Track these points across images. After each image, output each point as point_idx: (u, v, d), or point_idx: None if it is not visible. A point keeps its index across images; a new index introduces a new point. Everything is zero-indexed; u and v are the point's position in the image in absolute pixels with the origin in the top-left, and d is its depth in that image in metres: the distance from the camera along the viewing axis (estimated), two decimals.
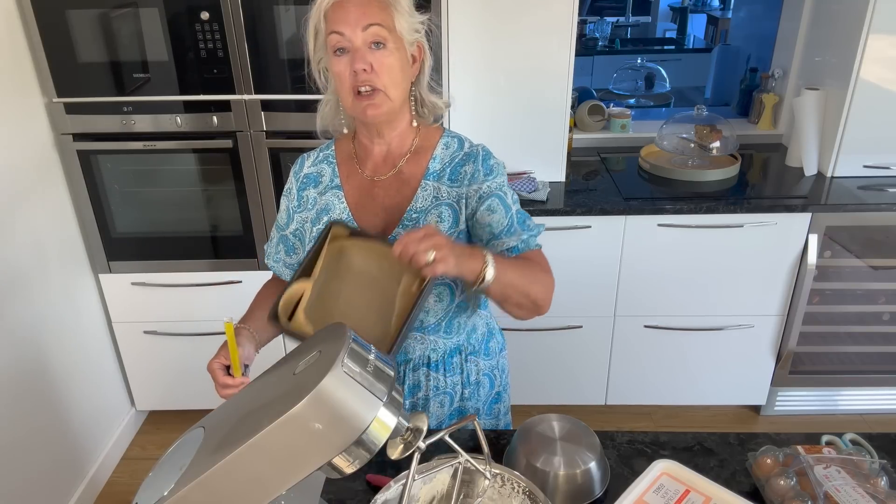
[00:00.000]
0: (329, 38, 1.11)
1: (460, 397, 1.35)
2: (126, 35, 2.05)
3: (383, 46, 1.11)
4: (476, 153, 1.23)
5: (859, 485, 1.04)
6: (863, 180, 2.43)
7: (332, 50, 1.12)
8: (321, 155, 1.30)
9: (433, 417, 1.33)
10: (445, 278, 1.20)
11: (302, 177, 1.29)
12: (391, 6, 1.12)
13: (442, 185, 1.22)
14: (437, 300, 1.23)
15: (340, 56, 1.12)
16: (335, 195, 1.26)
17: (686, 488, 0.98)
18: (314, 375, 0.72)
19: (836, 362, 2.60)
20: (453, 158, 1.23)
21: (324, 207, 1.26)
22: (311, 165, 1.30)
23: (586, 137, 2.81)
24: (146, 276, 2.41)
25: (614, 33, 5.32)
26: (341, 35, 1.10)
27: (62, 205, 2.26)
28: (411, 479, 0.82)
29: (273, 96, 2.14)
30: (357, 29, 1.09)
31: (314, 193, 1.27)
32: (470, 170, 1.21)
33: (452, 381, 1.32)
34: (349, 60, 1.11)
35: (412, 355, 1.29)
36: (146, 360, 2.57)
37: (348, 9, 1.09)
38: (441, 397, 1.33)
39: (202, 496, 0.73)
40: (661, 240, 2.34)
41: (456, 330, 1.29)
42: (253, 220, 2.32)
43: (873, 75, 2.28)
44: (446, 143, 1.25)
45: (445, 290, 1.24)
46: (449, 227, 1.21)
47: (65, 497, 2.22)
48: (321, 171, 1.29)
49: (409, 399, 1.33)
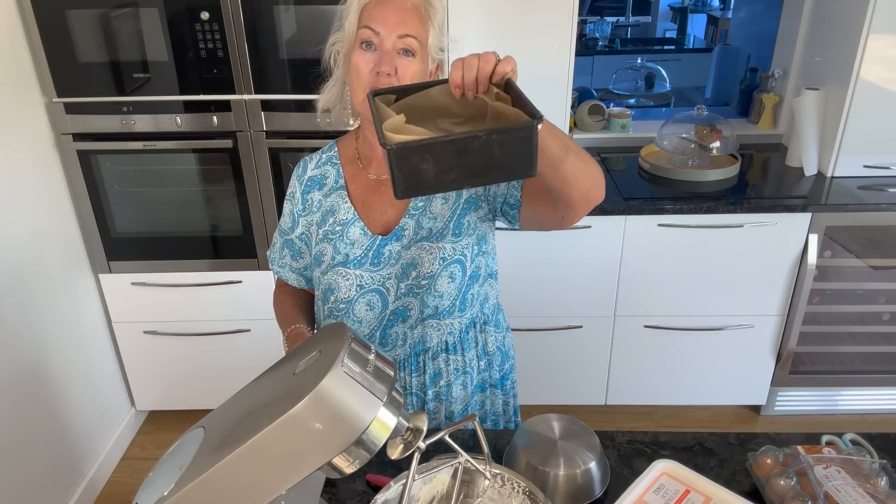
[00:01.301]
0: (360, 31, 1.10)
1: (478, 370, 1.36)
2: (126, 35, 2.05)
3: (411, 55, 1.12)
4: None
5: (859, 485, 1.04)
6: (863, 180, 2.43)
7: (358, 41, 1.11)
8: (324, 157, 1.30)
9: (457, 401, 1.35)
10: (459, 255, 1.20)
11: (306, 180, 1.29)
12: (428, 21, 1.12)
13: None
14: (449, 280, 1.24)
15: (365, 51, 1.11)
16: (340, 196, 1.26)
17: (686, 488, 0.98)
18: (314, 375, 0.72)
19: (836, 362, 2.60)
20: None
21: (329, 209, 1.26)
22: (314, 168, 1.30)
23: (586, 137, 2.81)
24: (146, 276, 2.41)
25: (614, 33, 5.31)
26: (374, 32, 1.09)
27: (62, 205, 2.26)
28: (411, 479, 0.82)
29: (273, 96, 2.14)
30: (393, 33, 1.09)
31: (319, 196, 1.27)
32: None
33: (470, 357, 1.33)
34: (373, 58, 1.10)
35: (430, 343, 1.30)
36: (146, 360, 2.57)
37: (389, 10, 1.09)
38: (462, 378, 1.34)
39: (202, 496, 0.73)
40: (661, 240, 2.34)
41: (470, 303, 1.30)
42: (253, 220, 2.32)
43: (873, 75, 2.28)
44: None
45: (458, 268, 1.25)
46: (451, 204, 1.24)
47: (65, 497, 2.22)
48: (325, 173, 1.29)
49: (432, 388, 1.33)
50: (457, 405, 1.34)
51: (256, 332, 2.51)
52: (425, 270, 1.23)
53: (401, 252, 1.24)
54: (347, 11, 1.13)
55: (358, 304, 1.25)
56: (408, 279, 1.24)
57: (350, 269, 1.24)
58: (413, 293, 1.25)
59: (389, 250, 1.24)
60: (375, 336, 1.28)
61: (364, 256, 1.24)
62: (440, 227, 1.24)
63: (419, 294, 1.25)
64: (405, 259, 1.24)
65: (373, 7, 1.10)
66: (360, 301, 1.25)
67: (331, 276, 1.25)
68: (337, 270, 1.25)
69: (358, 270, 1.24)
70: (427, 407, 1.34)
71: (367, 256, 1.24)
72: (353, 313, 1.26)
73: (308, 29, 2.04)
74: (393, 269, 1.24)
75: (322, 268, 1.27)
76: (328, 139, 2.18)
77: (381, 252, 1.24)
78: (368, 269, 1.24)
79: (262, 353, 2.50)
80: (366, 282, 1.24)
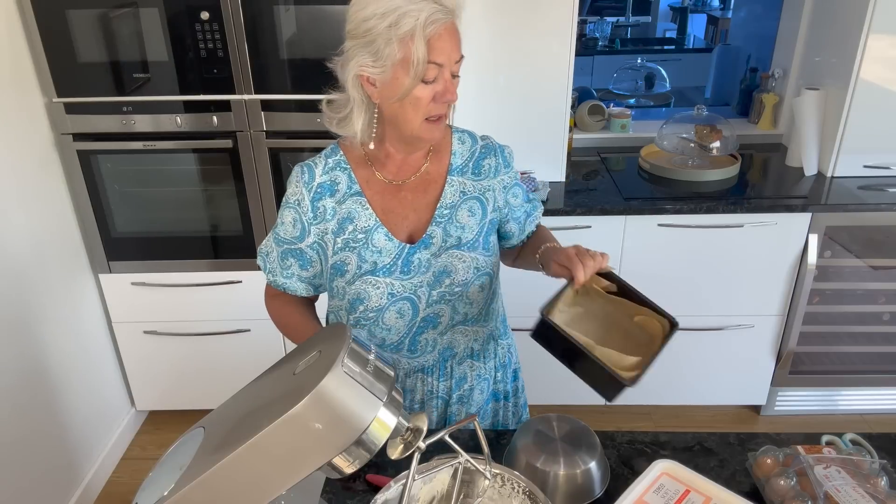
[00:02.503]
0: (428, 68, 1.07)
1: (494, 380, 1.40)
2: (126, 35, 2.05)
3: (456, 76, 1.13)
4: (493, 146, 1.31)
5: (859, 485, 1.04)
6: (863, 180, 2.43)
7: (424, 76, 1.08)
8: (330, 161, 1.24)
9: (473, 405, 1.38)
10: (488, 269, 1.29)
11: (315, 186, 1.22)
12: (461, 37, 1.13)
13: (466, 180, 1.27)
14: (480, 289, 1.28)
15: (428, 84, 1.10)
16: (357, 202, 1.22)
17: (686, 488, 0.98)
18: (314, 375, 0.72)
19: (836, 362, 2.60)
20: (473, 153, 1.29)
21: (346, 216, 1.22)
22: (322, 174, 1.22)
23: (586, 137, 2.81)
24: (146, 276, 2.41)
25: (614, 33, 5.32)
26: (440, 67, 1.09)
27: (62, 205, 2.26)
28: (411, 479, 0.82)
29: (273, 96, 2.14)
30: (452, 61, 1.10)
31: (332, 203, 1.21)
32: (492, 163, 1.29)
33: (489, 366, 1.38)
34: (434, 87, 1.10)
35: (457, 349, 1.32)
36: (146, 360, 2.57)
37: (447, 39, 1.08)
38: (482, 384, 1.38)
39: (202, 496, 0.73)
40: (661, 240, 2.34)
41: (493, 317, 1.36)
42: (253, 220, 2.32)
43: (873, 75, 2.28)
44: (460, 138, 1.29)
45: (487, 280, 1.29)
46: (480, 219, 1.26)
47: (65, 497, 2.22)
48: (335, 178, 1.23)
49: (457, 392, 1.36)
50: (475, 409, 1.38)
51: (256, 332, 2.51)
52: (460, 278, 1.25)
53: (430, 260, 1.24)
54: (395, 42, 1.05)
55: (388, 312, 1.24)
56: (440, 286, 1.25)
57: (380, 278, 1.22)
58: (445, 300, 1.26)
59: (419, 258, 1.23)
60: (405, 343, 1.28)
61: (393, 265, 1.22)
62: (471, 239, 1.25)
63: (451, 301, 1.26)
64: (436, 267, 1.24)
65: (435, 40, 1.06)
66: (391, 309, 1.24)
67: (359, 285, 1.22)
68: (366, 279, 1.22)
69: (388, 279, 1.22)
70: (450, 410, 1.36)
71: (397, 265, 1.22)
72: (383, 321, 1.25)
73: (308, 29, 2.04)
74: (424, 277, 1.24)
75: (347, 277, 1.23)
76: (329, 139, 2.19)
77: (411, 260, 1.23)
78: (399, 277, 1.23)
79: (262, 353, 2.50)
80: (397, 290, 1.23)
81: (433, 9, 1.04)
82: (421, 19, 1.03)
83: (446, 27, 1.07)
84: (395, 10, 1.04)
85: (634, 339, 1.17)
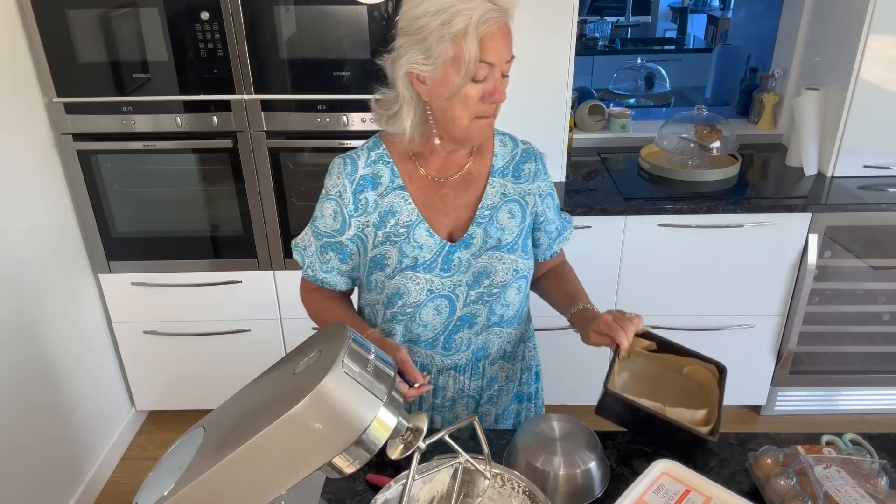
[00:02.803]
0: (479, 67, 1.07)
1: (519, 382, 1.42)
2: (126, 35, 2.05)
3: (506, 76, 1.13)
4: (533, 151, 1.32)
5: (859, 485, 1.04)
6: (863, 180, 2.43)
7: (474, 75, 1.08)
8: (373, 155, 1.23)
9: (501, 406, 1.39)
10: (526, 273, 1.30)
11: (357, 178, 1.21)
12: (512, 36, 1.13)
13: (507, 182, 1.28)
14: (517, 292, 1.29)
15: (478, 83, 1.10)
16: (400, 196, 1.22)
17: (686, 488, 0.98)
18: (314, 375, 0.72)
19: (836, 362, 2.60)
20: (514, 156, 1.30)
21: (388, 210, 1.22)
22: (365, 167, 1.22)
23: (586, 137, 2.81)
24: (146, 276, 2.41)
25: (614, 33, 5.31)
26: (490, 66, 1.09)
27: (62, 205, 2.26)
28: (411, 479, 0.82)
29: (273, 96, 2.14)
30: (503, 60, 1.10)
31: (374, 196, 1.21)
32: (532, 168, 1.30)
33: (517, 368, 1.39)
34: (484, 86, 1.10)
35: (491, 349, 1.33)
36: (146, 360, 2.57)
37: (499, 39, 1.08)
38: (509, 385, 1.39)
39: (202, 496, 0.73)
40: (661, 240, 2.34)
41: (525, 320, 1.39)
42: (253, 220, 2.32)
43: (873, 75, 2.28)
44: (501, 140, 1.30)
45: (524, 283, 1.30)
46: (520, 222, 1.27)
47: (65, 497, 2.22)
48: (378, 171, 1.22)
49: (487, 392, 1.37)
50: (501, 409, 1.39)
51: (256, 332, 2.51)
52: (498, 279, 1.25)
53: (470, 260, 1.24)
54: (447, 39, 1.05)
55: (426, 308, 1.24)
56: (479, 287, 1.25)
57: (420, 273, 1.22)
58: (483, 301, 1.26)
59: (459, 258, 1.24)
60: (439, 340, 1.28)
61: (434, 262, 1.23)
62: (511, 241, 1.26)
63: (489, 302, 1.26)
64: (476, 267, 1.25)
65: (488, 39, 1.06)
66: (429, 306, 1.24)
67: (399, 279, 1.22)
68: (406, 274, 1.22)
69: (428, 275, 1.23)
70: (480, 409, 1.38)
71: (437, 262, 1.23)
72: (420, 318, 1.25)
73: (308, 29, 2.04)
74: (464, 277, 1.24)
75: (387, 271, 1.23)
76: (329, 139, 2.19)
77: (451, 259, 1.23)
78: (438, 274, 1.23)
79: (262, 353, 2.50)
80: (436, 287, 1.23)
81: (487, 7, 1.04)
82: (474, 18, 1.04)
83: (499, 26, 1.07)
84: (449, 8, 1.04)
85: (685, 390, 1.19)
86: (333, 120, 2.16)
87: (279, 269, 2.40)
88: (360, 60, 2.08)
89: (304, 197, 2.30)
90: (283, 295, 2.46)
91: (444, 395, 1.34)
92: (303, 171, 2.27)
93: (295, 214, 2.31)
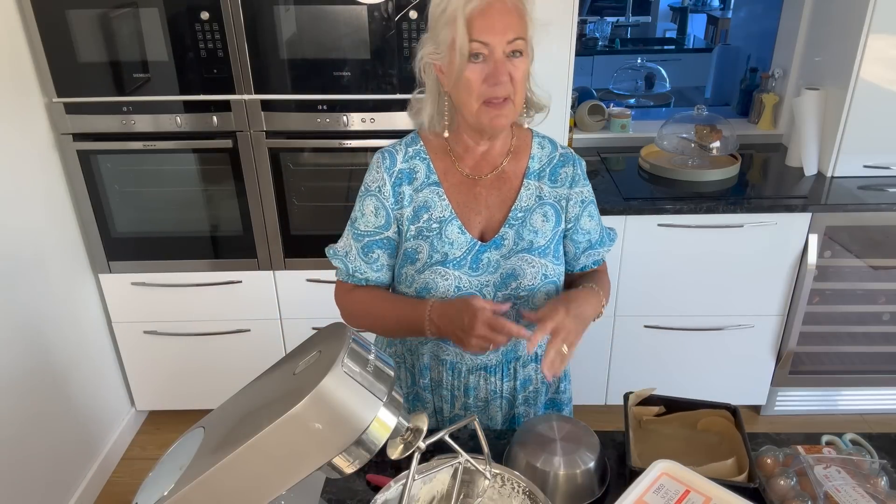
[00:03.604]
0: (471, 46, 1.08)
1: (557, 390, 1.42)
2: (126, 35, 2.05)
3: (520, 55, 1.12)
4: (572, 156, 1.30)
5: (859, 485, 1.04)
6: (863, 180, 2.43)
7: (468, 55, 1.09)
8: (410, 150, 1.25)
9: (537, 407, 1.38)
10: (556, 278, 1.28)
11: (395, 172, 1.23)
12: (526, 14, 1.12)
13: (544, 185, 1.26)
14: (545, 297, 1.27)
15: (475, 62, 1.10)
16: (434, 192, 1.23)
17: (686, 488, 0.98)
18: (314, 375, 0.72)
19: (836, 362, 2.60)
20: (551, 159, 1.28)
21: (422, 205, 1.23)
22: (403, 161, 1.24)
23: (586, 137, 2.81)
24: (146, 276, 2.41)
25: (614, 33, 5.31)
26: (483, 44, 1.08)
27: (62, 205, 2.26)
28: (411, 479, 0.82)
29: (273, 96, 2.14)
30: (502, 41, 1.09)
31: (409, 190, 1.23)
32: (570, 172, 1.27)
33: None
34: (485, 69, 1.10)
35: (521, 351, 1.33)
36: (146, 360, 2.57)
37: (493, 17, 1.08)
38: (541, 387, 1.39)
39: (202, 496, 0.73)
40: (661, 240, 2.34)
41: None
42: (253, 220, 2.32)
43: (873, 75, 2.28)
44: (540, 142, 1.29)
45: (553, 288, 1.28)
46: (553, 226, 1.26)
47: (65, 497, 2.22)
48: (414, 167, 1.24)
49: (521, 393, 1.36)
50: (540, 411, 1.39)
51: (256, 332, 2.51)
52: (526, 283, 1.24)
53: (500, 261, 1.24)
54: (446, 25, 1.09)
55: None
56: (507, 289, 1.25)
57: (449, 270, 1.22)
58: (511, 303, 1.25)
59: (488, 258, 1.24)
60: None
61: (463, 259, 1.23)
62: (542, 245, 1.25)
63: (516, 305, 1.25)
64: (504, 269, 1.24)
65: (477, 18, 1.07)
66: None
67: (428, 274, 1.23)
68: (436, 270, 1.22)
69: (457, 272, 1.23)
70: (517, 411, 1.37)
71: (466, 260, 1.23)
72: None
73: (308, 29, 2.04)
74: (492, 278, 1.24)
75: (418, 266, 1.24)
76: (329, 139, 2.19)
77: (480, 258, 1.23)
78: (467, 272, 1.23)
79: (262, 353, 2.50)
80: (464, 284, 1.23)
81: None
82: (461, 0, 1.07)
83: (492, 4, 1.07)
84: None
85: (707, 445, 1.20)
86: (333, 120, 2.16)
87: (279, 269, 2.40)
88: (360, 60, 2.08)
89: (304, 197, 2.30)
90: (283, 295, 2.46)
91: (476, 396, 1.34)
92: (303, 171, 2.27)
93: (295, 214, 2.31)
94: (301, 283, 2.41)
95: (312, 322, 2.41)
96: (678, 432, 1.23)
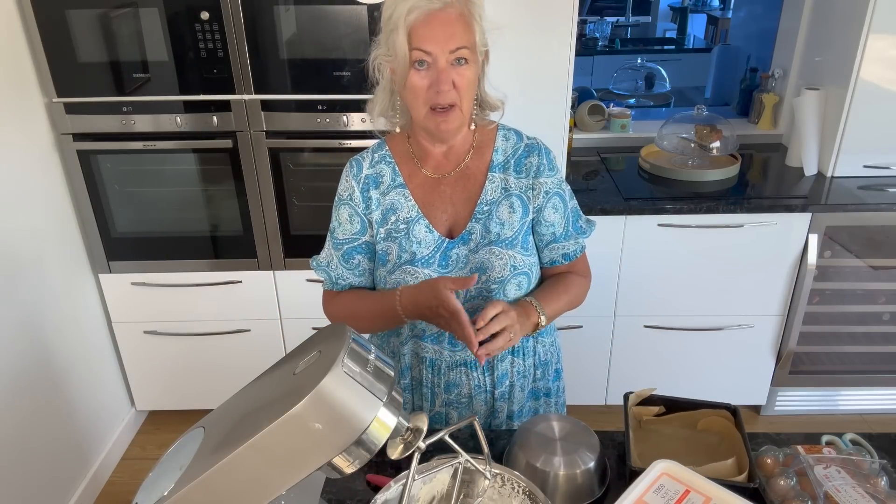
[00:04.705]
0: (412, 53, 1.10)
1: (534, 378, 1.41)
2: (126, 35, 2.05)
3: (465, 62, 1.13)
4: (538, 146, 1.29)
5: (859, 485, 1.04)
6: (863, 180, 2.43)
7: (411, 62, 1.11)
8: (376, 156, 1.28)
9: (515, 403, 1.38)
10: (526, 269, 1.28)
11: (363, 178, 1.26)
12: (473, 21, 1.13)
13: (509, 177, 1.27)
14: (517, 288, 1.28)
15: (419, 69, 1.11)
16: (400, 194, 1.25)
17: (686, 488, 0.98)
18: (314, 375, 0.72)
19: (836, 362, 2.60)
20: (516, 150, 1.28)
21: (389, 207, 1.25)
22: (369, 167, 1.27)
23: (586, 137, 2.81)
24: (146, 276, 2.41)
25: (614, 33, 5.31)
26: (426, 52, 1.10)
27: (62, 205, 2.26)
28: (411, 479, 0.82)
29: (273, 96, 2.14)
30: (445, 50, 1.10)
31: (376, 194, 1.26)
32: (535, 161, 1.27)
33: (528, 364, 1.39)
34: (429, 76, 1.11)
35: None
36: (146, 360, 2.57)
37: (435, 27, 1.08)
38: (522, 381, 1.39)
39: (202, 496, 0.73)
40: (661, 240, 2.34)
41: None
42: (253, 220, 2.32)
43: (873, 75, 2.28)
44: (504, 135, 1.30)
45: (525, 279, 1.29)
46: (521, 217, 1.26)
47: (65, 497, 2.22)
48: (380, 171, 1.27)
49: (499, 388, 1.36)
50: (516, 406, 1.38)
51: (256, 332, 2.51)
52: (496, 275, 1.25)
53: (468, 256, 1.25)
54: (391, 31, 1.11)
55: None
56: (477, 282, 1.25)
57: (419, 268, 1.24)
58: (483, 296, 1.26)
59: (457, 254, 1.25)
60: (444, 335, 1.29)
61: (432, 257, 1.24)
62: (510, 237, 1.25)
63: (488, 297, 1.26)
64: (473, 263, 1.25)
65: (419, 27, 1.08)
66: None
67: (398, 275, 1.24)
68: (405, 269, 1.24)
69: (426, 270, 1.24)
70: (496, 405, 1.37)
71: (435, 258, 1.24)
72: None
73: (308, 29, 2.04)
74: (462, 273, 1.25)
75: (388, 267, 1.26)
76: (329, 139, 2.19)
77: (449, 255, 1.25)
78: (437, 269, 1.24)
79: (262, 353, 2.50)
80: None
81: None
82: (403, 8, 1.08)
83: (434, 14, 1.08)
84: (394, 2, 1.10)
85: (707, 445, 1.20)
86: (333, 120, 2.16)
87: (279, 269, 2.40)
88: (360, 60, 2.08)
89: (304, 197, 2.30)
90: (283, 295, 2.46)
91: (458, 392, 1.34)
92: (303, 171, 2.27)
93: (295, 214, 2.31)
94: (301, 283, 2.41)
95: (312, 322, 2.41)
96: (678, 432, 1.23)
